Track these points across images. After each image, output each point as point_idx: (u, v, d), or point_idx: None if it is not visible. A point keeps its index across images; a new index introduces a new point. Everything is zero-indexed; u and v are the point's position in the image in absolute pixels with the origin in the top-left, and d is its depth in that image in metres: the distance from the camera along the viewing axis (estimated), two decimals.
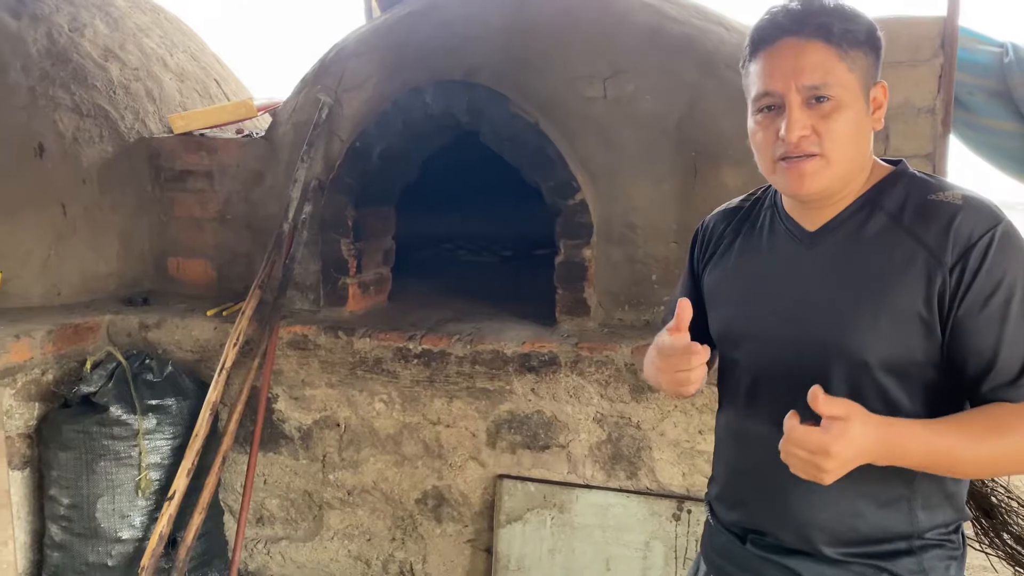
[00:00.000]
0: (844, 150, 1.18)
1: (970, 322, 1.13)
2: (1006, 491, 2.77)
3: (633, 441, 2.59)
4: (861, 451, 1.05)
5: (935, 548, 1.23)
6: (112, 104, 3.40)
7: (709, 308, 1.42)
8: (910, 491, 1.21)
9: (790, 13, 1.18)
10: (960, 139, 4.64)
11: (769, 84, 1.18)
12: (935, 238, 1.15)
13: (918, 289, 1.15)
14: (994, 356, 1.12)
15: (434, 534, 2.83)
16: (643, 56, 2.78)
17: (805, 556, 1.27)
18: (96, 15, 3.56)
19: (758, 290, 1.31)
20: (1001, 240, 1.13)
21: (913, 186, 1.22)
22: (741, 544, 1.35)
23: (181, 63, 3.84)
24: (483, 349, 2.70)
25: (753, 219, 1.37)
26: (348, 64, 3.12)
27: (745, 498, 1.36)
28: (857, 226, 1.23)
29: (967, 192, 1.19)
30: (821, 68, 1.15)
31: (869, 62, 1.19)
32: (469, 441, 2.75)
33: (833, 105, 1.16)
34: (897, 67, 4.36)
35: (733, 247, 1.38)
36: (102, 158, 3.31)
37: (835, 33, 1.15)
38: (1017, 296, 1.12)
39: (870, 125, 1.22)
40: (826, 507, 1.24)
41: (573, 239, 2.75)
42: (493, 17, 2.94)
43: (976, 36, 4.38)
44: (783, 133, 1.16)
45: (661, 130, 2.72)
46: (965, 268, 1.13)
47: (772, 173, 1.23)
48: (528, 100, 2.76)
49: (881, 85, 1.22)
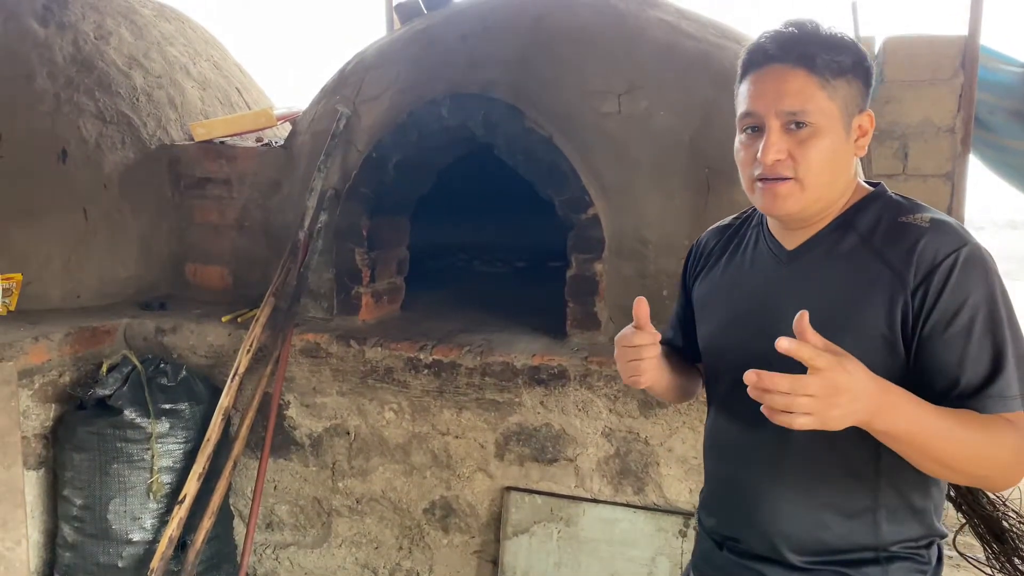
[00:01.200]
0: (819, 175, 1.21)
1: (935, 342, 1.15)
2: (1018, 515, 2.74)
3: (641, 456, 2.59)
4: (865, 392, 1.02)
5: (902, 560, 1.25)
6: (135, 111, 3.45)
7: (698, 323, 1.48)
8: (874, 503, 1.24)
9: (778, 40, 1.23)
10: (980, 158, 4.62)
11: (752, 105, 1.24)
12: (900, 259, 1.18)
13: (881, 309, 1.18)
14: (959, 374, 1.14)
15: (441, 544, 2.84)
16: (658, 72, 2.79)
17: (774, 563, 1.30)
18: (121, 23, 3.63)
19: (738, 305, 1.36)
20: (965, 262, 1.15)
21: (887, 208, 1.26)
22: (719, 550, 1.40)
23: (204, 72, 3.90)
24: (493, 361, 2.71)
25: (741, 236, 1.43)
26: (367, 75, 3.16)
27: (721, 505, 1.42)
28: (830, 246, 1.27)
29: (937, 215, 1.22)
30: (801, 95, 1.19)
31: (853, 91, 1.23)
32: (477, 452, 2.76)
33: (810, 132, 1.20)
34: (917, 86, 4.36)
35: (720, 263, 1.43)
36: (124, 164, 3.37)
37: (818, 63, 1.19)
38: (980, 316, 1.14)
39: (851, 152, 1.25)
40: (792, 517, 1.28)
41: (585, 253, 2.76)
42: (510, 32, 2.96)
43: (998, 56, 4.37)
44: (760, 155, 1.21)
45: (675, 146, 2.73)
46: (928, 289, 1.15)
47: (751, 192, 1.28)
48: (543, 114, 2.77)
49: (867, 114, 1.26)
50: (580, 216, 2.74)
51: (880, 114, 4.27)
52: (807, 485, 1.26)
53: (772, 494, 1.28)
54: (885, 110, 4.25)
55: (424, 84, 2.95)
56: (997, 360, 1.13)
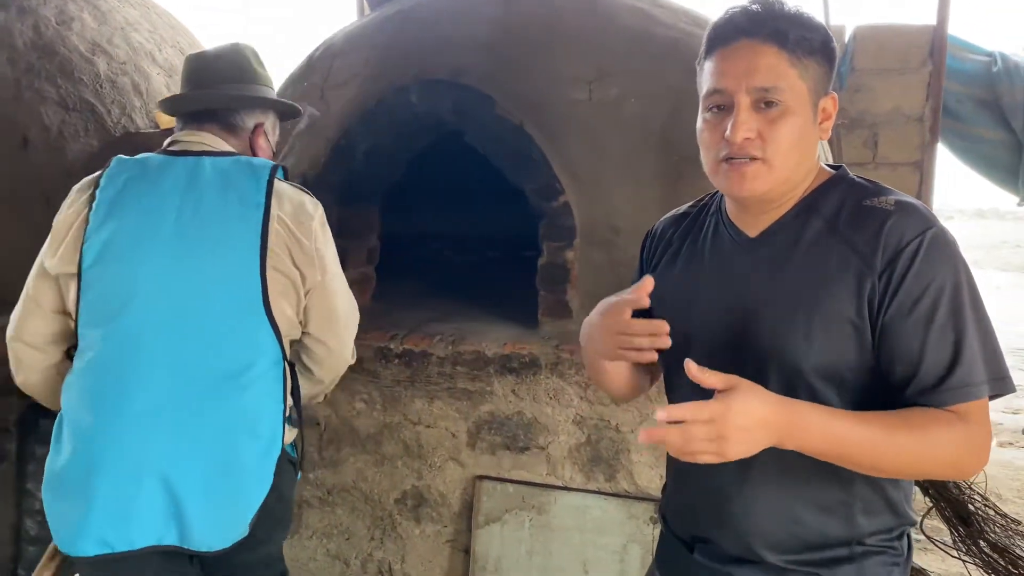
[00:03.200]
0: (787, 156, 1.18)
1: (896, 326, 1.13)
2: (983, 499, 2.78)
3: (612, 444, 2.59)
4: (762, 422, 1.04)
5: (876, 555, 1.23)
6: (98, 98, 3.39)
7: (657, 311, 1.39)
8: (849, 496, 1.22)
9: (748, 14, 1.19)
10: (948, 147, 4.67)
11: (720, 82, 1.19)
12: (866, 243, 1.16)
13: (850, 295, 1.15)
14: (919, 361, 1.12)
15: (413, 534, 2.83)
16: (629, 59, 2.78)
17: (748, 564, 1.27)
18: (84, 8, 3.56)
19: (701, 294, 1.32)
20: (931, 245, 1.13)
21: (850, 192, 1.23)
22: (689, 553, 1.35)
23: (170, 58, 3.84)
24: (464, 350, 2.70)
25: (699, 225, 1.39)
26: (335, 62, 3.12)
27: (690, 505, 1.37)
28: (795, 232, 1.23)
29: (901, 198, 1.20)
30: (773, 72, 1.16)
31: (821, 72, 1.21)
32: (449, 442, 2.75)
33: (780, 111, 1.17)
34: (886, 75, 4.40)
35: (680, 252, 1.39)
36: (87, 152, 3.31)
37: (790, 39, 1.16)
38: (943, 301, 1.12)
39: (816, 134, 1.23)
40: (767, 513, 1.24)
41: (556, 241, 2.75)
42: (480, 18, 2.94)
43: (965, 45, 4.41)
44: (728, 133, 1.17)
45: (645, 133, 2.72)
46: (893, 272, 1.13)
47: (715, 174, 1.24)
48: (513, 101, 2.76)
49: (831, 96, 1.24)
50: (551, 204, 2.73)
51: (850, 103, 4.30)
52: (780, 480, 1.23)
53: (745, 491, 1.25)
54: (855, 99, 4.28)
55: (393, 71, 2.92)
56: (958, 347, 1.11)
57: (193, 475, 1.69)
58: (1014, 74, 4.32)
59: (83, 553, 1.67)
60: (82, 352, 1.73)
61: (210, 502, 1.71)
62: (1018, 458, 4.57)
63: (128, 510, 1.66)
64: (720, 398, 1.04)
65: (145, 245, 1.73)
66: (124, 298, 1.71)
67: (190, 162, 1.81)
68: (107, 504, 1.66)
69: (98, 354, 1.71)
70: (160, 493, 1.68)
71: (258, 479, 1.76)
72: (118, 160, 1.82)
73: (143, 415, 1.68)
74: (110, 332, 1.71)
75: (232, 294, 1.74)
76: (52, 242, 1.77)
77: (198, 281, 1.73)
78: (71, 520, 1.68)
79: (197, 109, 1.93)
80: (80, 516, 1.65)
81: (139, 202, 1.75)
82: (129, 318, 1.71)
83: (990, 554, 2.77)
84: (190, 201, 1.76)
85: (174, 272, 1.73)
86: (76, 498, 1.67)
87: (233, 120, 1.94)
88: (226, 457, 1.73)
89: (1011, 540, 2.77)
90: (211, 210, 1.76)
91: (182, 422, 1.70)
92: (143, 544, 1.67)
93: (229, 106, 1.93)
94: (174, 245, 1.73)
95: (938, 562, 3.19)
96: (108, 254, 1.72)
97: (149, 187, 1.77)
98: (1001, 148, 4.51)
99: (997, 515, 2.79)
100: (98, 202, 1.74)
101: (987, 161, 4.64)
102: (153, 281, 1.72)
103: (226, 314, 1.74)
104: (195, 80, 1.95)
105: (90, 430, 1.69)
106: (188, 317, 1.72)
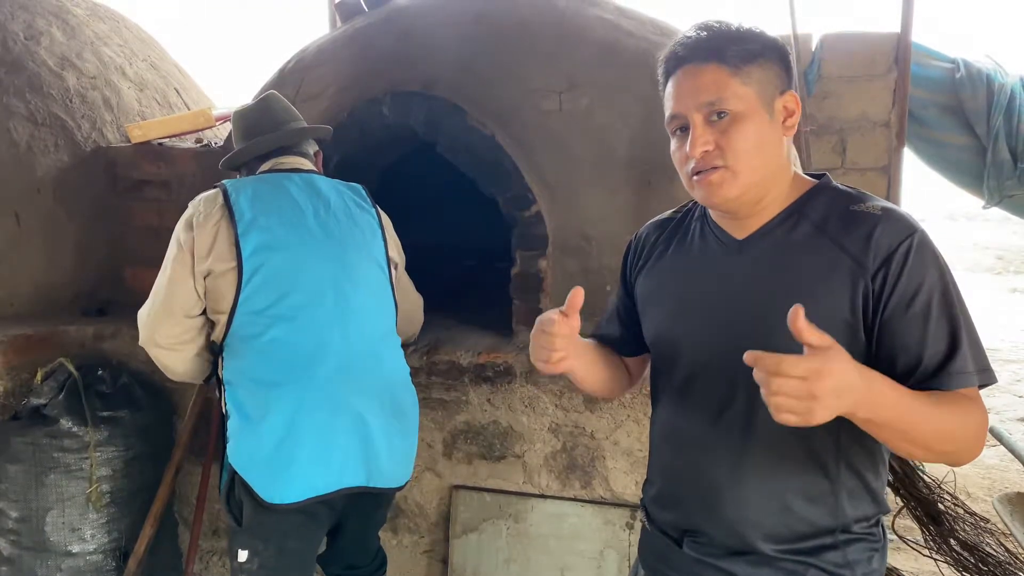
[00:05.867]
0: (748, 159, 1.25)
1: (896, 322, 1.20)
2: (953, 499, 2.83)
3: (587, 451, 2.61)
4: (850, 386, 1.03)
5: (858, 542, 1.29)
6: (68, 113, 3.37)
7: (642, 315, 1.48)
8: (836, 485, 1.27)
9: (686, 44, 1.29)
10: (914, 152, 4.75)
11: (676, 107, 1.29)
12: (857, 246, 1.22)
13: (843, 294, 1.21)
14: (920, 351, 1.19)
15: (390, 545, 2.83)
16: (599, 70, 2.81)
17: (739, 556, 1.31)
18: (53, 23, 3.53)
19: (689, 296, 1.37)
20: (918, 247, 1.20)
21: (836, 198, 1.30)
22: (678, 547, 1.39)
23: (140, 72, 3.82)
24: (439, 360, 2.71)
25: (684, 229, 1.44)
26: (307, 74, 3.12)
27: (680, 498, 1.40)
28: (784, 235, 1.30)
29: (886, 204, 1.27)
30: (715, 86, 1.24)
31: (770, 74, 1.27)
32: (425, 452, 2.75)
33: (730, 119, 1.24)
34: (853, 81, 4.46)
35: (665, 255, 1.44)
36: (58, 167, 3.28)
37: (728, 53, 1.25)
38: (936, 297, 1.19)
39: (779, 133, 1.29)
40: (757, 503, 1.29)
41: (529, 250, 2.77)
42: (451, 30, 2.95)
43: (929, 52, 4.49)
44: (689, 150, 1.26)
45: (616, 143, 2.75)
46: (888, 273, 1.20)
47: (691, 188, 1.32)
48: (485, 112, 2.77)
49: (790, 94, 1.29)
50: (523, 213, 2.75)
51: (818, 109, 4.36)
52: (771, 472, 1.28)
53: (737, 483, 1.29)
54: (823, 105, 4.34)
55: (365, 82, 2.93)
56: (954, 338, 1.18)
57: (379, 420, 2.05)
58: (976, 80, 4.40)
59: (292, 499, 1.94)
60: (257, 331, 2.00)
61: (391, 441, 2.08)
62: (987, 456, 4.64)
63: (327, 457, 1.98)
64: (815, 355, 1.01)
65: (299, 238, 2.06)
66: (291, 280, 2.03)
67: (305, 176, 2.21)
68: (311, 453, 1.96)
69: (279, 331, 2.00)
70: (355, 437, 2.01)
71: (415, 423, 2.19)
72: (228, 182, 2.14)
73: (332, 376, 2.01)
74: (282, 311, 2.00)
75: (373, 272, 2.17)
76: (200, 249, 2.04)
77: (346, 263, 2.11)
78: (277, 472, 1.94)
79: (276, 147, 2.28)
80: (286, 466, 1.94)
81: (276, 205, 2.09)
82: (299, 297, 2.02)
83: (960, 552, 2.82)
84: (321, 204, 2.15)
85: (327, 258, 2.08)
86: (280, 452, 1.94)
87: (304, 149, 2.33)
88: (396, 404, 2.13)
89: (980, 538, 2.81)
90: (339, 210, 2.17)
91: (361, 378, 2.06)
92: (341, 486, 2.00)
93: (302, 138, 2.35)
94: (319, 235, 2.09)
95: (911, 561, 3.23)
96: (266, 245, 2.02)
97: (279, 194, 2.12)
98: (966, 153, 4.59)
99: (967, 513, 2.83)
100: (237, 205, 2.05)
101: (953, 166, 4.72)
102: (312, 266, 2.05)
103: (372, 289, 2.16)
104: (258, 128, 2.29)
105: (286, 395, 1.97)
106: (346, 293, 2.08)
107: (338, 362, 2.03)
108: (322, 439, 1.98)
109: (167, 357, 2.14)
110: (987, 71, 4.45)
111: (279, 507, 1.94)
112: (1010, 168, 4.46)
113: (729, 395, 1.30)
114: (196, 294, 2.06)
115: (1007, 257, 13.87)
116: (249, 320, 2.01)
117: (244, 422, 1.97)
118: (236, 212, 2.04)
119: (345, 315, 2.07)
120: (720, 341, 1.31)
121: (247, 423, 1.97)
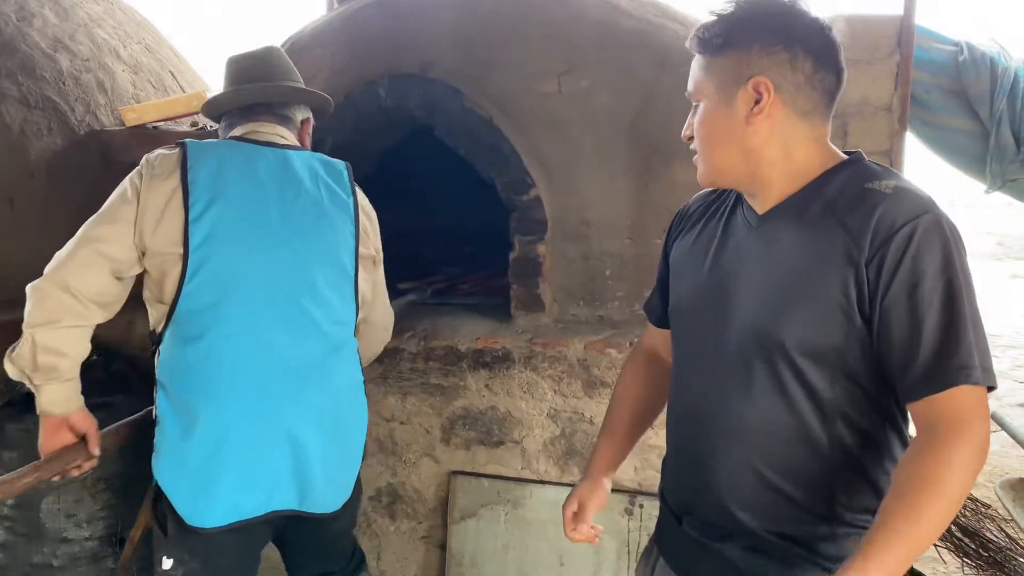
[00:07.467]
0: (704, 147, 1.31)
1: (894, 311, 1.14)
2: None
3: (586, 436, 2.59)
4: None
5: (856, 534, 1.25)
6: (62, 96, 3.33)
7: (671, 286, 1.48)
8: (831, 472, 1.24)
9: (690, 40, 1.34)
10: (917, 137, 4.70)
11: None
12: (857, 225, 1.17)
13: (838, 277, 1.17)
14: (917, 346, 1.13)
15: (388, 531, 2.82)
16: (598, 52, 2.77)
17: (730, 540, 1.31)
18: (45, 4, 3.49)
19: (704, 270, 1.37)
20: (925, 231, 1.13)
21: (856, 175, 1.24)
22: (679, 525, 1.41)
23: (135, 54, 3.77)
24: (437, 345, 2.69)
25: (723, 201, 1.43)
26: (302, 56, 3.07)
27: (678, 477, 1.43)
28: (795, 212, 1.26)
29: (903, 183, 1.20)
30: (693, 77, 1.33)
31: (731, 63, 1.26)
32: (423, 438, 2.74)
33: (698, 109, 1.32)
34: (855, 65, 4.40)
35: (697, 226, 1.44)
36: (51, 151, 3.24)
37: (707, 47, 1.29)
38: (939, 289, 1.12)
39: (738, 122, 1.26)
40: (750, 485, 1.27)
41: (528, 235, 2.74)
42: (448, 11, 2.91)
43: (932, 35, 4.43)
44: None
45: (616, 126, 2.72)
46: (885, 258, 1.13)
47: None
48: (483, 95, 2.74)
49: (753, 80, 1.24)
50: (522, 198, 2.72)
51: None
52: (765, 452, 1.25)
53: (729, 461, 1.28)
54: None
55: (361, 65, 2.89)
56: (956, 333, 1.12)
57: (314, 440, 1.86)
58: (980, 63, 4.35)
59: (213, 524, 1.79)
60: (195, 333, 1.81)
61: (328, 465, 1.90)
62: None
63: (255, 479, 1.81)
64: None
65: (255, 229, 1.85)
66: (239, 279, 1.82)
67: (279, 153, 1.95)
68: (238, 474, 1.80)
69: (218, 336, 1.80)
70: (288, 459, 1.84)
71: (358, 443, 2.01)
72: (192, 144, 1.87)
73: (271, 390, 1.83)
74: (225, 313, 1.81)
75: (334, 275, 1.93)
76: (151, 205, 1.79)
77: (305, 262, 1.89)
78: (200, 492, 1.79)
79: (255, 102, 2.01)
80: (209, 487, 1.78)
81: (240, 186, 1.86)
82: (245, 298, 1.82)
83: (962, 538, 2.81)
84: (290, 189, 1.91)
85: (282, 254, 1.87)
86: (204, 472, 1.78)
87: (287, 113, 2.05)
88: (339, 424, 1.93)
89: (981, 524, 2.81)
90: (309, 197, 1.93)
91: (303, 395, 1.86)
92: (269, 509, 1.84)
93: (286, 99, 2.05)
94: (279, 228, 1.87)
95: None
96: (218, 235, 1.80)
97: (247, 172, 1.88)
98: (969, 137, 4.54)
99: (968, 499, 2.82)
100: (195, 184, 1.80)
101: (955, 150, 4.67)
102: (264, 263, 1.84)
103: (329, 295, 1.92)
104: (247, 76, 2.03)
105: (218, 409, 1.79)
106: (299, 297, 1.87)
107: (281, 376, 1.84)
108: (251, 459, 1.82)
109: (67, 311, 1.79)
110: (991, 54, 4.40)
111: (202, 530, 1.82)
112: (1013, 152, 4.42)
113: (726, 372, 1.28)
114: (133, 252, 1.81)
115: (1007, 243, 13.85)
116: (188, 318, 1.82)
117: (170, 434, 1.82)
118: (192, 192, 1.80)
119: (294, 322, 1.87)
120: (720, 317, 1.30)
121: (173, 436, 1.82)
